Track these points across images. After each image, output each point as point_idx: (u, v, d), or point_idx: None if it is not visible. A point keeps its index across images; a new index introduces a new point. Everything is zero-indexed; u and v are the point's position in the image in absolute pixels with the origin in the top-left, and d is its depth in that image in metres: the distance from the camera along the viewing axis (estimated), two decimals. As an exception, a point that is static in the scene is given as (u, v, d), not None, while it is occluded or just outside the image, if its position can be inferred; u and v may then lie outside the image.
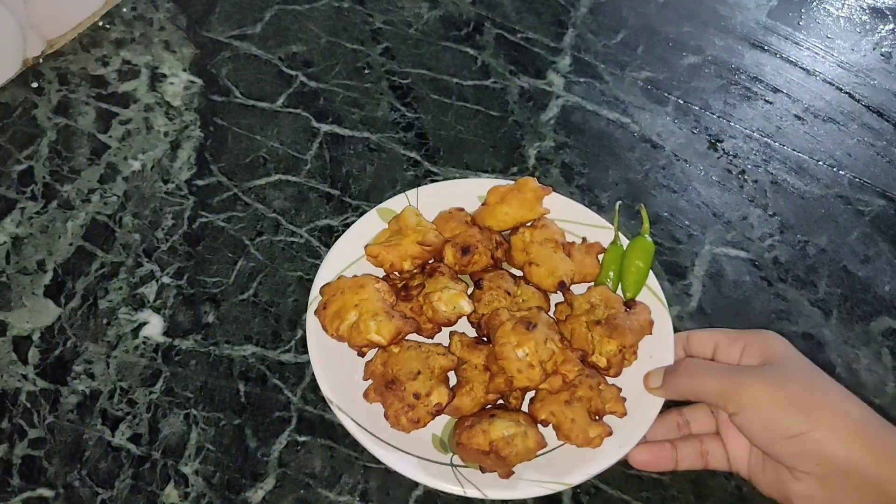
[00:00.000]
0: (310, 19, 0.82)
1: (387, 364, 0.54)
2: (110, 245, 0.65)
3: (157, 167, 0.70)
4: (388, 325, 0.53)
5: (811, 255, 0.70)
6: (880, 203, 0.74)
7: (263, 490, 0.54)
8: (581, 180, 0.72)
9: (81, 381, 0.58)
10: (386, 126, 0.74)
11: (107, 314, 0.61)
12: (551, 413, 0.52)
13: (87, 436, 0.56)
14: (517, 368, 0.51)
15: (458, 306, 0.56)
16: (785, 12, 0.89)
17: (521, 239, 0.60)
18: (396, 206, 0.63)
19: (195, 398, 0.58)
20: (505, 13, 0.85)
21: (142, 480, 0.54)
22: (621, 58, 0.82)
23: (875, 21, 0.90)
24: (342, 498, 0.54)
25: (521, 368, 0.51)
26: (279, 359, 0.60)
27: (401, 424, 0.51)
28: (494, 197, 0.62)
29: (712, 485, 0.56)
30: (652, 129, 0.77)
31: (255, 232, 0.66)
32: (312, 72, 0.77)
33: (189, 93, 0.75)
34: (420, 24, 0.83)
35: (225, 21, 0.81)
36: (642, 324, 0.57)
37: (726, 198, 0.73)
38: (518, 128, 0.75)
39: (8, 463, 0.54)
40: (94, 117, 0.72)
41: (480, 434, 0.50)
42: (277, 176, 0.70)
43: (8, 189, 0.67)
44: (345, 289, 0.56)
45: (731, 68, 0.83)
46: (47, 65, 0.76)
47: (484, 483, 0.51)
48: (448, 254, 0.60)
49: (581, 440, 0.51)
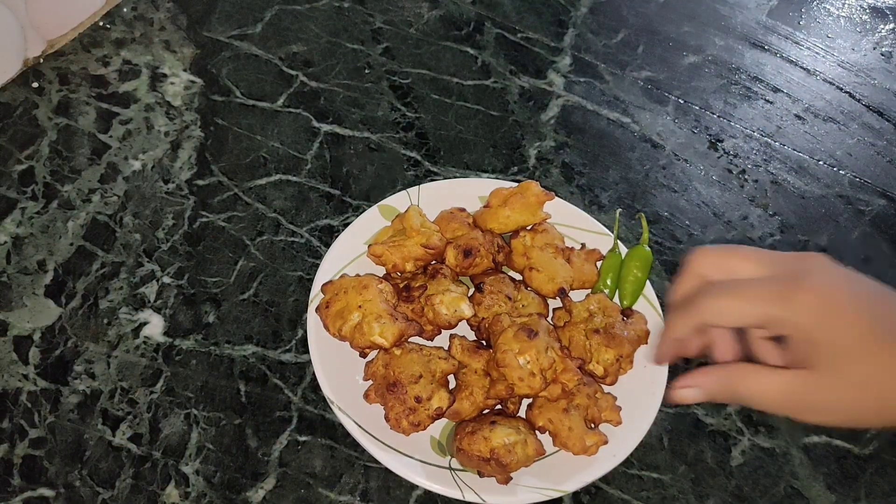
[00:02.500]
0: (310, 19, 0.82)
1: (388, 366, 0.54)
2: (111, 245, 0.65)
3: (157, 167, 0.70)
4: (391, 328, 0.53)
5: (811, 255, 0.70)
6: (881, 203, 0.74)
7: (264, 490, 0.54)
8: (581, 180, 0.72)
9: (82, 380, 0.58)
10: (386, 126, 0.74)
11: (107, 314, 0.61)
12: (549, 420, 0.53)
13: (87, 436, 0.56)
14: (518, 376, 0.51)
15: (459, 310, 0.56)
16: (785, 12, 0.89)
17: (522, 243, 0.61)
18: (398, 204, 0.63)
19: (196, 398, 0.58)
20: (505, 13, 0.85)
21: (142, 480, 0.54)
22: (621, 57, 0.82)
23: (875, 21, 0.89)
24: (342, 497, 0.54)
25: (522, 376, 0.51)
26: (280, 358, 0.60)
27: (401, 427, 0.52)
28: (497, 199, 0.62)
29: (712, 484, 0.57)
30: (652, 128, 0.77)
31: (255, 232, 0.66)
32: (313, 72, 0.77)
33: (189, 93, 0.75)
34: (420, 24, 0.83)
35: (225, 21, 0.81)
36: (639, 334, 0.58)
37: (727, 197, 0.73)
38: (518, 127, 0.75)
39: (9, 463, 0.54)
40: (95, 117, 0.72)
41: (482, 441, 0.50)
42: (278, 176, 0.70)
43: (8, 189, 0.67)
44: (348, 288, 0.56)
45: (732, 68, 0.83)
46: (48, 65, 0.76)
47: (482, 488, 0.51)
48: (450, 255, 0.60)
49: (578, 448, 0.52)
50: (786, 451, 0.58)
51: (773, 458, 0.58)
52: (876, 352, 0.38)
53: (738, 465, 0.58)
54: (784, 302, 0.39)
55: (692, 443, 0.58)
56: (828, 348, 0.39)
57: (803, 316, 0.39)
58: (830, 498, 0.57)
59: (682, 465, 0.57)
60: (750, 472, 0.57)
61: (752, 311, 0.40)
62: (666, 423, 0.59)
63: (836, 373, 0.39)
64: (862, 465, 0.58)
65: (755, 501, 0.56)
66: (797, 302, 0.39)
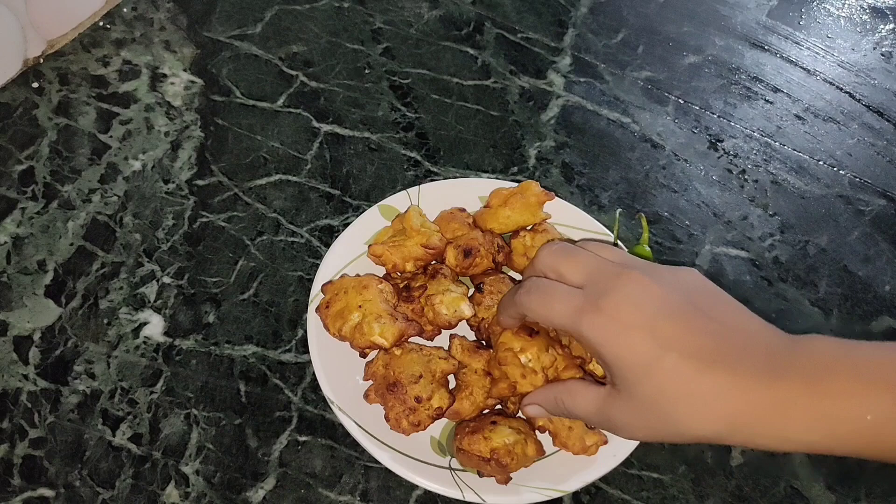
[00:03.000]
0: (310, 19, 0.82)
1: (388, 366, 0.54)
2: (111, 245, 0.65)
3: (157, 167, 0.70)
4: (391, 328, 0.53)
5: (811, 255, 0.70)
6: (881, 203, 0.74)
7: (264, 490, 0.54)
8: (581, 180, 0.72)
9: (82, 380, 0.58)
10: (386, 126, 0.74)
11: (107, 314, 0.61)
12: (549, 420, 0.53)
13: (87, 436, 0.56)
14: (521, 374, 0.51)
15: (460, 310, 0.56)
16: (785, 12, 0.89)
17: (522, 243, 0.61)
18: (398, 204, 0.64)
19: (196, 398, 0.58)
20: (505, 13, 0.85)
21: (142, 480, 0.54)
22: (621, 57, 0.82)
23: (875, 21, 0.89)
24: (343, 498, 0.54)
25: (524, 374, 0.51)
26: (280, 359, 0.60)
27: (401, 427, 0.52)
28: (497, 199, 0.62)
29: (712, 484, 0.57)
30: (652, 128, 0.77)
31: (255, 232, 0.66)
32: (313, 72, 0.77)
33: (189, 93, 0.75)
34: (420, 24, 0.83)
35: (225, 21, 0.81)
36: None
37: (727, 197, 0.73)
38: (518, 128, 0.75)
39: (8, 463, 0.54)
40: (95, 117, 0.72)
41: (482, 441, 0.50)
42: (278, 176, 0.70)
43: (8, 189, 0.67)
44: (348, 288, 0.56)
45: (732, 68, 0.83)
46: (48, 65, 0.76)
47: (482, 488, 0.51)
48: (450, 255, 0.60)
49: (578, 448, 0.52)
50: (786, 451, 0.58)
51: (773, 458, 0.58)
52: (657, 371, 0.38)
53: (738, 465, 0.58)
54: (577, 317, 0.40)
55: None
56: (617, 368, 0.40)
57: (592, 333, 0.40)
58: (830, 498, 0.57)
59: (682, 465, 0.57)
60: (750, 472, 0.57)
61: (552, 319, 0.42)
62: (666, 423, 0.59)
63: (626, 391, 0.40)
64: (862, 465, 0.58)
65: (755, 501, 0.56)
66: (586, 321, 0.40)
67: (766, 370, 0.37)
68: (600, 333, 0.39)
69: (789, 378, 0.36)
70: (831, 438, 0.36)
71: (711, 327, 0.39)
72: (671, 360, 0.38)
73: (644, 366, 0.38)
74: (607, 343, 0.39)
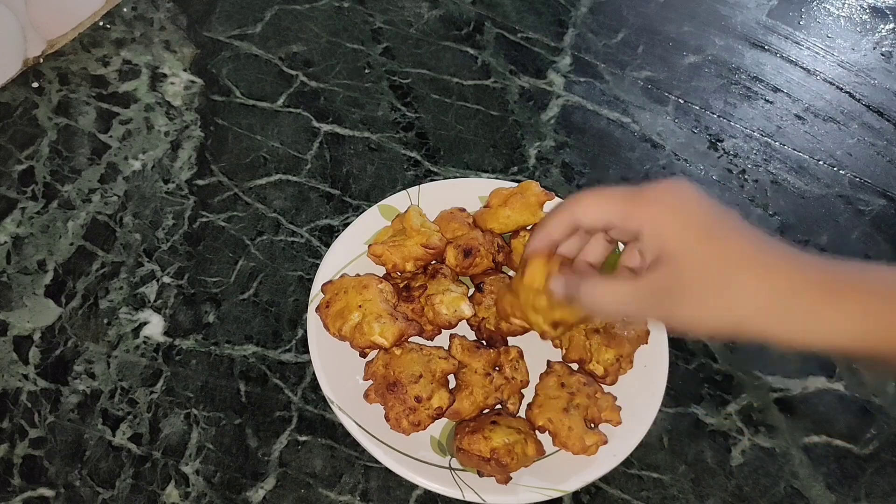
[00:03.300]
0: (310, 19, 0.82)
1: (388, 366, 0.54)
2: (111, 245, 0.65)
3: (157, 167, 0.70)
4: (391, 328, 0.53)
5: (811, 255, 0.70)
6: (881, 203, 0.74)
7: (264, 490, 0.54)
8: (581, 180, 0.72)
9: (82, 380, 0.58)
10: (386, 126, 0.74)
11: (107, 314, 0.61)
12: (549, 420, 0.53)
13: (87, 435, 0.56)
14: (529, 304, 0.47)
15: (459, 310, 0.56)
16: (785, 12, 0.89)
17: (522, 243, 0.61)
18: (398, 204, 0.64)
19: (196, 398, 0.58)
20: (505, 13, 0.85)
21: (142, 480, 0.54)
22: (621, 57, 0.82)
23: (875, 20, 0.89)
24: (343, 497, 0.54)
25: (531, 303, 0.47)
26: (280, 358, 0.60)
27: (401, 427, 0.52)
28: (497, 199, 0.62)
29: (712, 484, 0.57)
30: (652, 128, 0.77)
31: (255, 232, 0.66)
32: (313, 71, 0.77)
33: (189, 93, 0.75)
34: (420, 24, 0.83)
35: (225, 21, 0.81)
36: (639, 333, 0.58)
37: (727, 197, 0.73)
38: (518, 127, 0.75)
39: (9, 463, 0.54)
40: (95, 117, 0.72)
41: (482, 440, 0.50)
42: (278, 176, 0.70)
43: (8, 189, 0.67)
44: (348, 288, 0.56)
45: (732, 68, 0.83)
46: (48, 65, 0.76)
47: (482, 488, 0.51)
48: (450, 255, 0.60)
49: (578, 448, 0.52)
50: (786, 451, 0.58)
51: (773, 458, 0.58)
52: (718, 237, 0.40)
53: (738, 465, 0.58)
54: (637, 196, 0.42)
55: (692, 443, 0.58)
56: (672, 240, 0.41)
57: (653, 207, 0.41)
58: (830, 498, 0.57)
59: (682, 465, 0.57)
60: (750, 472, 0.57)
61: (610, 204, 0.43)
62: (666, 423, 0.59)
63: (675, 265, 0.40)
64: (862, 465, 0.58)
65: (755, 501, 0.56)
66: (635, 205, 0.42)
67: (819, 261, 0.39)
68: (650, 209, 0.41)
69: (838, 272, 0.38)
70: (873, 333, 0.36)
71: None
72: (731, 226, 0.40)
73: (706, 230, 0.40)
74: (659, 216, 0.41)
